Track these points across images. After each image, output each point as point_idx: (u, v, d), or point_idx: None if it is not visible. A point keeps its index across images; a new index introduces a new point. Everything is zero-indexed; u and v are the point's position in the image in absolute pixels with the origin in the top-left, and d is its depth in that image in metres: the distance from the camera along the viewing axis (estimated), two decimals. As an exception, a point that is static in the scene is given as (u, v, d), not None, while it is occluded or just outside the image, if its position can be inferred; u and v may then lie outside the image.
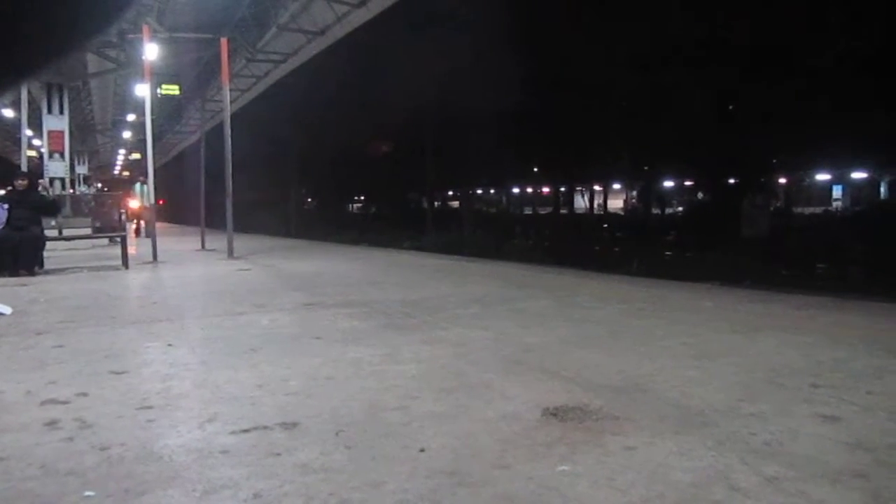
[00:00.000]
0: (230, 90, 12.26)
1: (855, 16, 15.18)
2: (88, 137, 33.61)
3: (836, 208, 31.17)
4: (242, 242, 12.66)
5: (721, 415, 2.54)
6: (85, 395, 2.93)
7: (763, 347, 3.68)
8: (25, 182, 8.97)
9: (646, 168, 26.80)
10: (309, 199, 36.62)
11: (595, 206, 36.94)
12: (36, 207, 8.73)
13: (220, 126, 11.36)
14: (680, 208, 27.55)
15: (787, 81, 16.39)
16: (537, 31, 21.11)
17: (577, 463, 2.09)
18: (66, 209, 9.96)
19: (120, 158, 45.80)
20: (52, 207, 9.22)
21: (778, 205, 24.10)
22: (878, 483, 1.92)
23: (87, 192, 24.81)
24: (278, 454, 2.20)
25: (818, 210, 26.23)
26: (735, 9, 16.88)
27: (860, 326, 4.27)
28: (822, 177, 35.05)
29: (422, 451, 2.21)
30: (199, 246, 13.58)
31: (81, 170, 31.50)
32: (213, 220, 15.30)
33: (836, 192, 36.69)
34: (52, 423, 2.55)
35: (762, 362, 3.32)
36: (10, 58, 0.48)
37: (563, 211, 30.60)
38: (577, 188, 34.33)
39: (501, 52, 18.88)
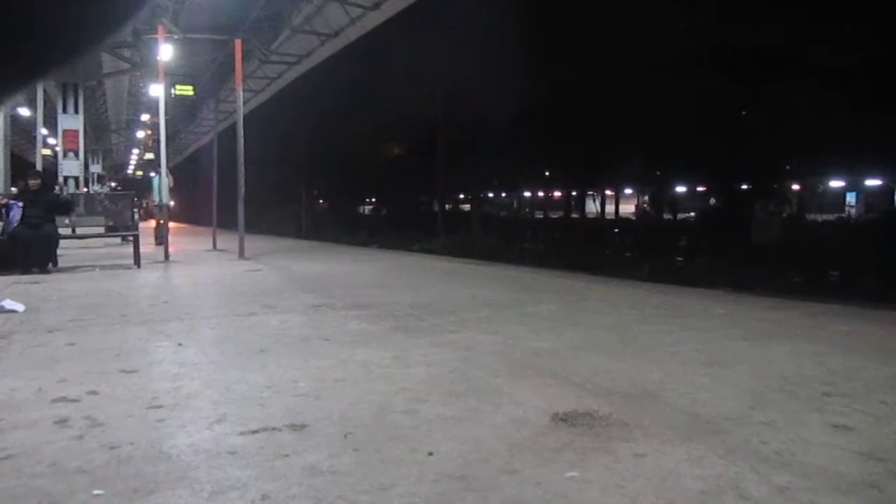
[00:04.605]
0: (243, 91, 12.31)
1: (866, 21, 15.08)
2: (103, 137, 33.86)
3: (850, 215, 30.91)
4: (253, 243, 12.70)
5: (732, 423, 2.52)
6: (95, 393, 2.95)
7: (775, 355, 3.65)
8: (38, 182, 9.04)
9: (657, 173, 26.72)
10: (321, 201, 36.69)
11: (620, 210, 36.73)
12: (50, 207, 8.80)
13: (234, 127, 11.41)
14: (692, 214, 27.39)
15: (801, 87, 16.30)
16: (550, 35, 21.10)
17: (586, 469, 2.08)
18: (80, 208, 10.02)
19: (134, 158, 46.16)
20: (65, 207, 9.29)
21: (791, 211, 23.94)
22: (891, 494, 1.90)
23: (100, 190, 24.96)
24: (287, 456, 2.20)
25: (831, 217, 25.99)
26: (748, 14, 16.81)
27: (874, 335, 4.23)
28: (836, 183, 34.77)
29: (430, 454, 2.21)
30: (211, 246, 13.64)
31: (95, 168, 31.69)
32: (224, 221, 15.36)
33: (850, 198, 36.38)
34: (62, 421, 2.56)
35: (774, 370, 3.29)
36: (25, 58, 0.48)
37: (574, 215, 30.54)
38: (589, 193, 34.25)
39: (514, 55, 18.87)
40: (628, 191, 40.14)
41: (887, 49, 14.79)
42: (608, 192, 37.47)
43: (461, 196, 36.46)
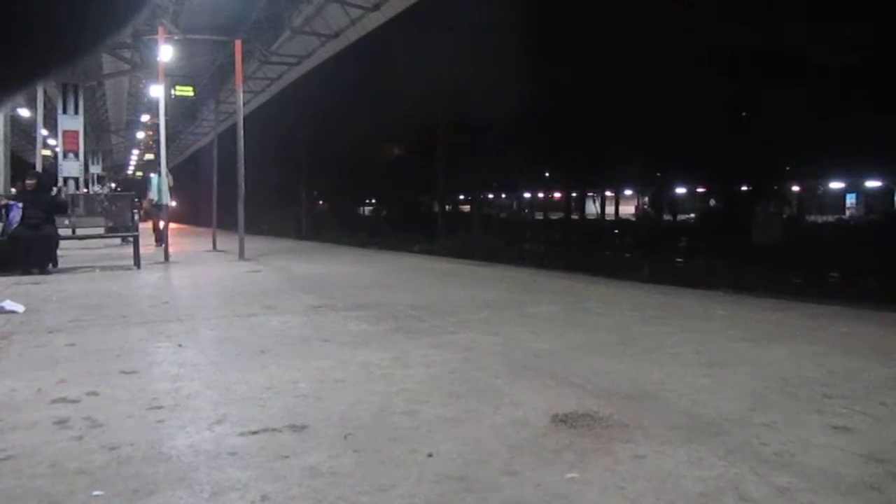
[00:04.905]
0: (243, 92, 12.31)
1: (866, 21, 15.09)
2: (103, 137, 33.84)
3: (853, 215, 30.91)
4: (253, 244, 12.70)
5: (732, 424, 2.52)
6: (95, 394, 2.95)
7: (775, 356, 3.65)
8: (34, 182, 9.04)
9: (657, 174, 26.73)
10: (321, 202, 36.68)
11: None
12: (48, 207, 8.80)
13: (234, 128, 11.41)
14: (692, 215, 27.39)
15: (801, 89, 16.31)
16: (550, 36, 21.11)
17: (586, 470, 2.07)
18: (80, 209, 10.02)
19: (134, 158, 46.17)
20: (62, 207, 9.30)
21: (791, 212, 23.93)
22: (891, 495, 1.90)
23: (100, 191, 24.96)
24: (287, 456, 2.20)
25: (831, 218, 25.97)
26: (748, 14, 16.82)
27: (873, 336, 4.23)
28: (836, 185, 34.79)
29: (430, 455, 2.21)
30: (211, 247, 13.64)
31: (95, 169, 31.66)
32: (225, 221, 15.36)
33: (850, 200, 36.41)
34: (61, 422, 2.56)
35: (774, 371, 3.29)
36: (25, 58, 0.48)
37: (574, 216, 30.54)
38: (589, 194, 34.26)
39: (514, 55, 18.88)
40: (628, 192, 40.19)
41: (887, 49, 14.78)
42: (608, 193, 37.50)
43: (461, 197, 36.47)
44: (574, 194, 31.90)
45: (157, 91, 13.17)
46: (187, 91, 17.22)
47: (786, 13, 16.34)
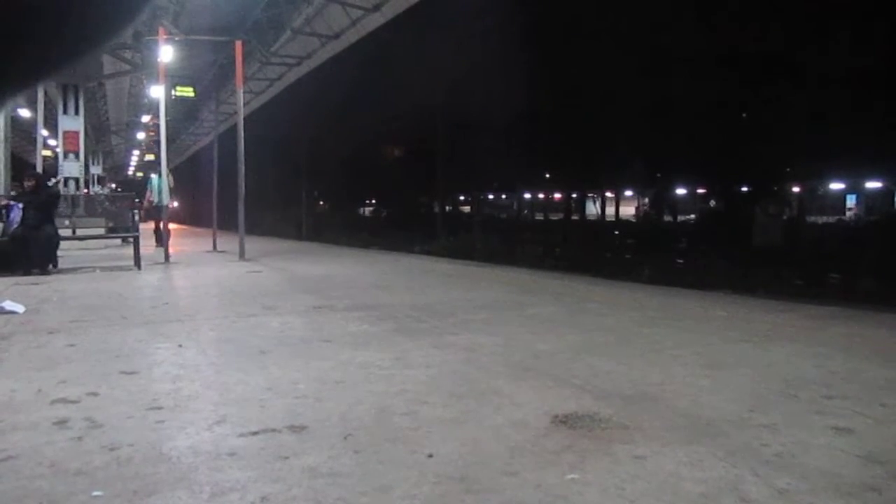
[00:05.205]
0: (244, 93, 12.31)
1: (865, 28, 15.11)
2: (103, 138, 33.85)
3: (850, 217, 30.88)
4: (254, 244, 12.70)
5: (732, 425, 2.52)
6: (95, 394, 2.95)
7: (775, 357, 3.65)
8: (33, 183, 9.03)
9: (658, 175, 26.73)
10: (321, 202, 36.66)
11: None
12: (42, 204, 8.77)
13: (234, 128, 11.41)
14: (692, 216, 27.37)
15: (801, 90, 16.32)
16: (550, 37, 21.12)
17: (586, 471, 2.07)
18: (81, 209, 10.03)
19: (134, 159, 46.20)
20: (54, 200, 9.29)
21: (791, 213, 23.91)
22: (891, 497, 1.90)
23: (101, 192, 24.97)
24: (286, 457, 2.20)
25: (832, 219, 25.94)
26: (749, 16, 16.84)
27: (874, 337, 4.23)
28: (836, 186, 34.77)
29: (430, 456, 2.21)
30: (211, 247, 13.63)
31: (96, 170, 31.66)
32: (225, 222, 15.36)
33: (851, 201, 36.37)
34: (61, 423, 2.56)
35: (774, 372, 3.29)
36: (26, 59, 0.48)
37: (574, 217, 30.53)
38: (589, 195, 34.24)
39: (514, 56, 18.89)
40: (629, 193, 40.16)
41: (888, 51, 14.79)
42: (608, 194, 37.46)
43: (461, 197, 36.47)
44: (574, 195, 31.89)
45: (157, 91, 13.17)
46: (188, 92, 17.23)
47: (786, 14, 16.35)
